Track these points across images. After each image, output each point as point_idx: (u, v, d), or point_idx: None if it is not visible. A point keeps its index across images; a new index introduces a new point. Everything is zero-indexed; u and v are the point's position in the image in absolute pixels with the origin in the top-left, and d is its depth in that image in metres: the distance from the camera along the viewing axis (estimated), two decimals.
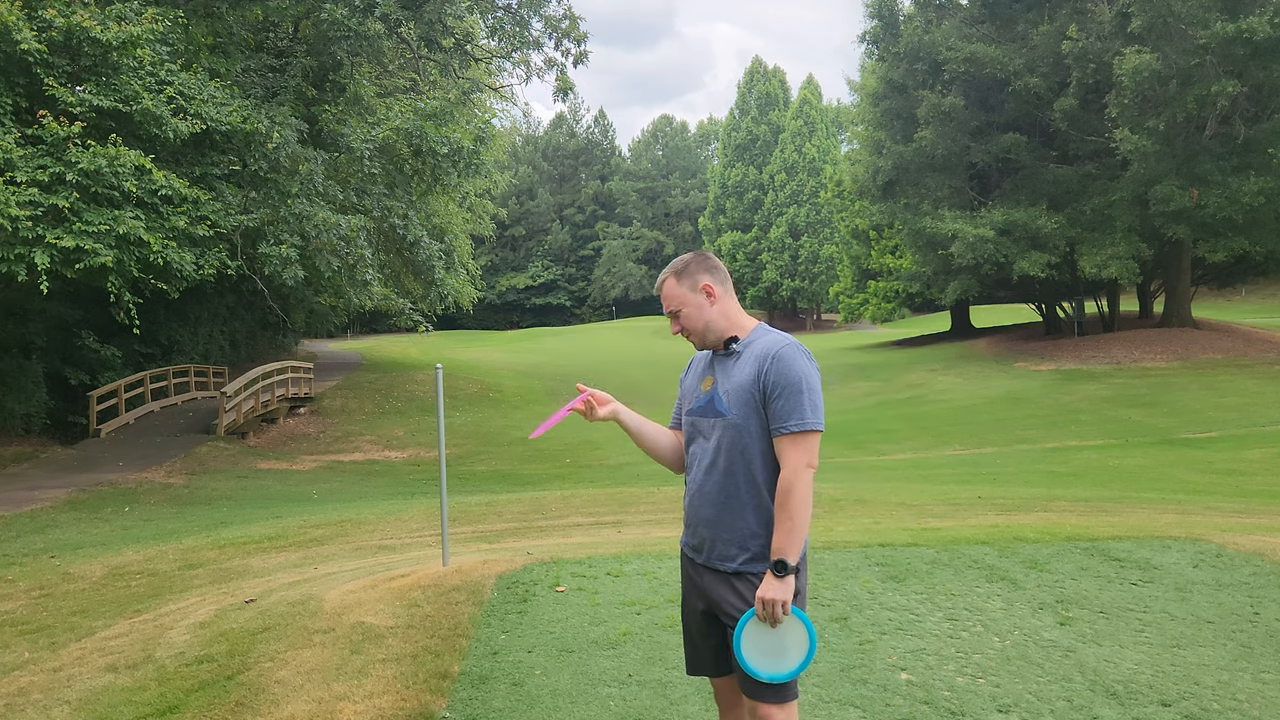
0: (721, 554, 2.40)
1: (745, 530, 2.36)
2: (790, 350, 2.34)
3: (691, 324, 2.48)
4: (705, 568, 2.45)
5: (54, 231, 12.92)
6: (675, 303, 2.49)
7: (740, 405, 2.36)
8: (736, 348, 2.44)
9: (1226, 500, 10.03)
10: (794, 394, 2.30)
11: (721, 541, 2.39)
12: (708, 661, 2.54)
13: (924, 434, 19.60)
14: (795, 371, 2.31)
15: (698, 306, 2.47)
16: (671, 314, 2.50)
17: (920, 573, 5.18)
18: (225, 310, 29.82)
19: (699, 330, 2.48)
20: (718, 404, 2.41)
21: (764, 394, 2.32)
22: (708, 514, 2.41)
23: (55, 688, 4.36)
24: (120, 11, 14.64)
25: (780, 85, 71.06)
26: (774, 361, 2.32)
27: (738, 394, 2.37)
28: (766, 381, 2.32)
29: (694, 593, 2.52)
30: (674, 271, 2.51)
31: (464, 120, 22.19)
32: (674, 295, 2.49)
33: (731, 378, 2.41)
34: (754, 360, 2.37)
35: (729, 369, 2.44)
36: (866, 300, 50.64)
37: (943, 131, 29.92)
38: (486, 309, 77.89)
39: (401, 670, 3.91)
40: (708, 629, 2.50)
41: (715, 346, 2.49)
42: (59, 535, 10.87)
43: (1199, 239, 27.85)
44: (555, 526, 8.80)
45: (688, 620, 2.59)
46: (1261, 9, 23.29)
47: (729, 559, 2.39)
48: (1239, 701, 3.48)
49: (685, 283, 2.48)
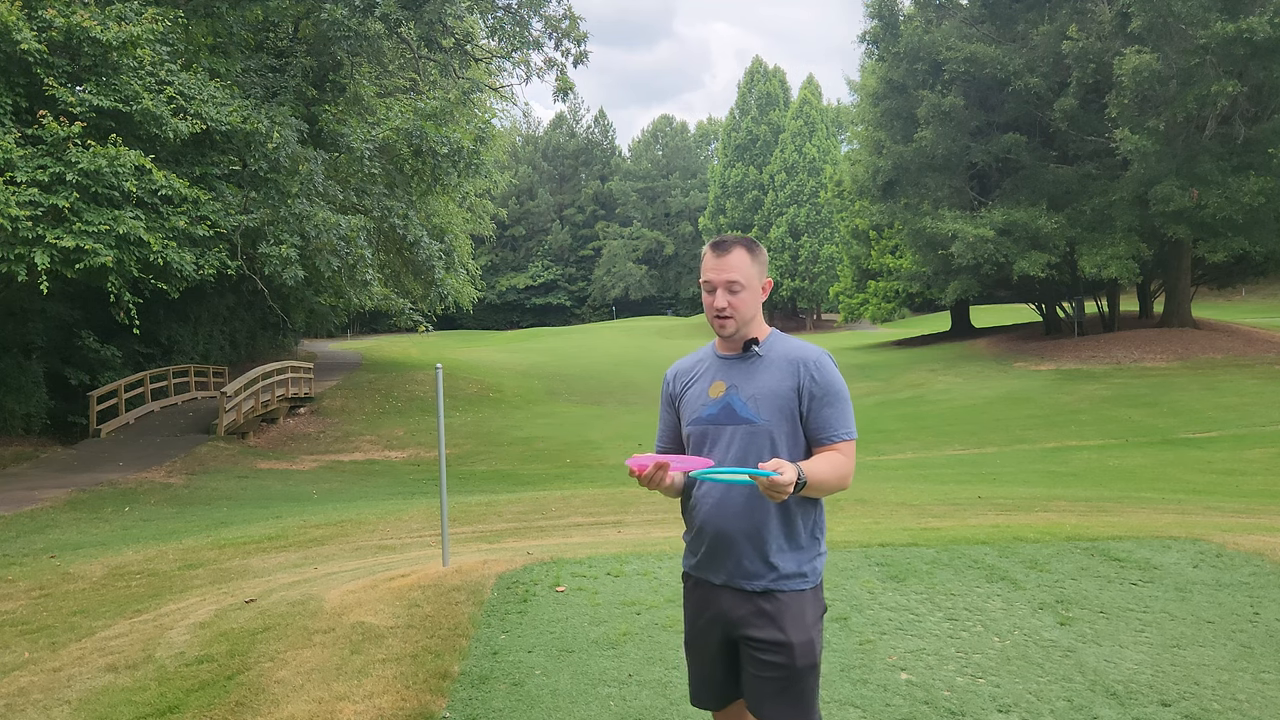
0: (746, 572, 2.24)
1: (772, 545, 2.23)
2: (827, 359, 2.29)
3: (744, 308, 2.29)
4: (726, 588, 2.28)
5: (54, 231, 12.92)
6: (741, 277, 2.27)
7: (772, 411, 2.24)
8: (758, 350, 2.31)
9: (1226, 500, 10.03)
10: (840, 402, 2.25)
11: (746, 558, 2.24)
12: (718, 687, 2.37)
13: (924, 434, 19.59)
14: (838, 380, 2.27)
15: (755, 294, 2.31)
16: (728, 286, 2.26)
17: (920, 573, 5.18)
18: (225, 310, 29.82)
19: (745, 319, 2.30)
20: (739, 409, 2.27)
21: (806, 402, 2.24)
22: (731, 528, 2.24)
23: (55, 688, 4.36)
24: (120, 11, 14.64)
25: (780, 85, 71.06)
26: (817, 370, 2.25)
27: (768, 399, 2.24)
28: (811, 390, 2.24)
29: (709, 620, 2.32)
30: (746, 245, 2.30)
31: (464, 120, 22.20)
32: (743, 269, 2.28)
33: (755, 381, 2.27)
34: (785, 365, 2.27)
35: (749, 372, 2.30)
36: (866, 300, 50.62)
37: (943, 131, 29.92)
38: (486, 309, 77.88)
39: (401, 670, 3.91)
40: (727, 657, 2.33)
41: (735, 345, 2.34)
42: (59, 535, 10.87)
43: (1199, 239, 27.84)
44: (555, 526, 8.80)
45: (701, 653, 2.38)
46: (1261, 9, 23.28)
47: (755, 577, 2.24)
48: (1239, 701, 3.48)
49: (757, 263, 2.31)
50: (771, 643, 2.21)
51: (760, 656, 2.23)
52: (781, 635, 2.21)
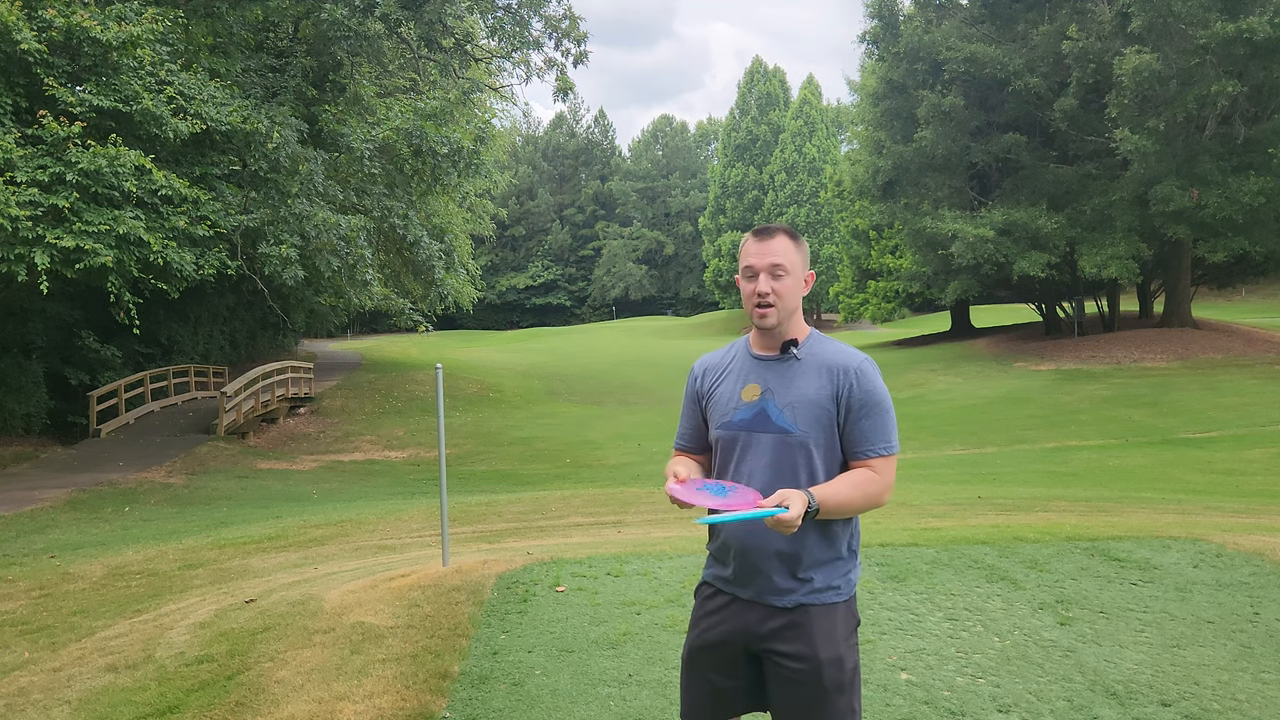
0: (777, 588, 2.11)
1: (807, 559, 2.10)
2: (870, 367, 2.15)
3: (788, 296, 2.14)
4: (754, 603, 2.13)
5: (54, 231, 12.92)
6: (785, 261, 2.13)
7: (810, 422, 2.10)
8: (797, 352, 2.16)
9: (1226, 500, 10.03)
10: (883, 415, 2.13)
11: (778, 575, 2.10)
12: (727, 702, 2.20)
13: (924, 434, 19.59)
14: (881, 390, 2.14)
15: (798, 283, 2.16)
16: (771, 270, 2.12)
17: (920, 573, 5.18)
18: (225, 310, 29.82)
19: (788, 309, 2.15)
20: (775, 417, 2.12)
21: (844, 412, 2.10)
22: (764, 545, 2.09)
23: (55, 688, 4.36)
24: (120, 11, 14.65)
25: (780, 85, 71.12)
26: (858, 378, 2.11)
27: (807, 408, 2.10)
28: (851, 400, 2.10)
29: (730, 633, 2.16)
30: (789, 233, 2.17)
31: (464, 120, 22.22)
32: (786, 254, 2.14)
33: (794, 388, 2.13)
34: (823, 372, 2.13)
35: (787, 377, 2.15)
36: (866, 300, 50.64)
37: (943, 131, 29.92)
38: (486, 309, 77.94)
39: (401, 670, 3.91)
40: (741, 669, 2.17)
41: (772, 344, 2.19)
42: (59, 535, 10.87)
43: (1199, 239, 27.83)
44: (555, 526, 8.80)
45: (710, 667, 2.19)
46: (1261, 9, 23.27)
47: (788, 593, 2.11)
48: (1239, 701, 3.48)
49: (799, 251, 2.17)
50: (797, 656, 2.08)
51: (785, 673, 2.10)
52: (809, 650, 2.08)
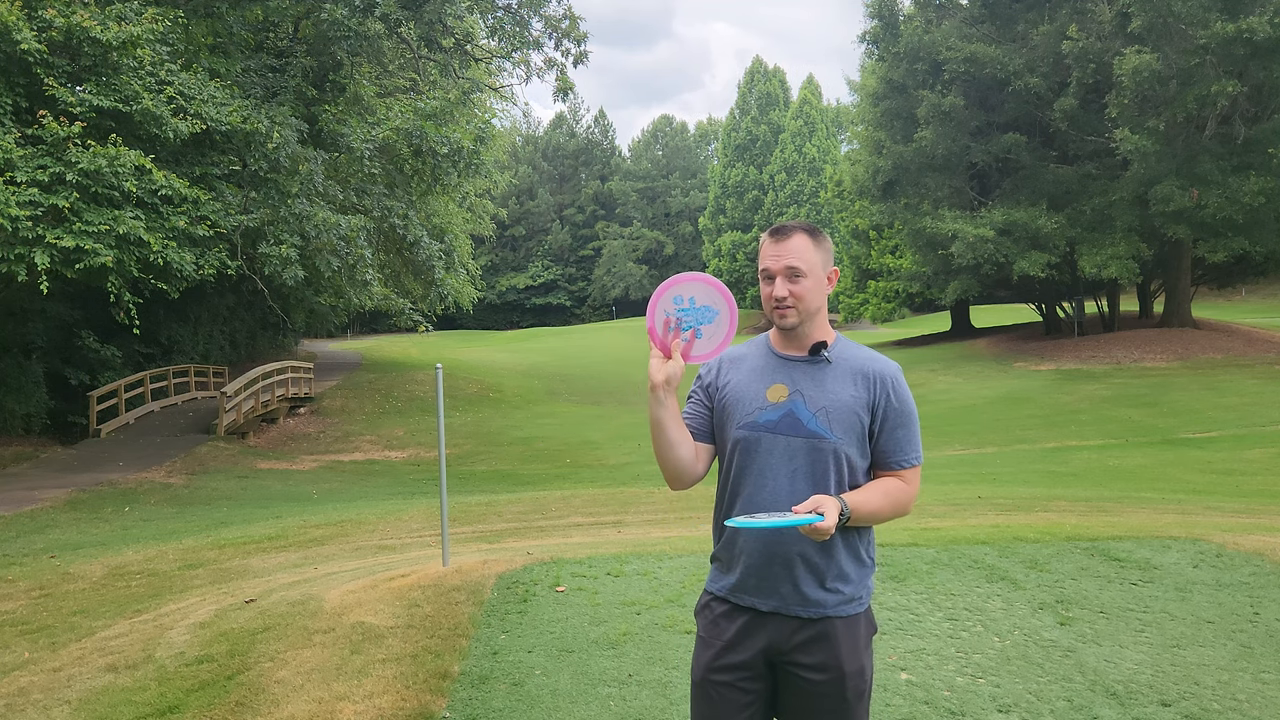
0: (805, 599, 2.02)
1: (834, 569, 2.03)
2: (902, 375, 2.11)
3: (807, 297, 2.04)
4: (775, 615, 2.04)
5: (54, 231, 12.92)
6: (802, 263, 2.03)
7: (844, 429, 2.02)
8: (828, 355, 2.07)
9: (1226, 500, 10.03)
10: (915, 425, 2.10)
11: (807, 584, 2.01)
12: None
13: (924, 434, 19.27)
14: (911, 400, 2.10)
15: (819, 283, 2.07)
16: (788, 272, 2.03)
17: (920, 573, 5.18)
18: (225, 310, 29.83)
19: (809, 310, 2.05)
20: (808, 421, 2.02)
21: (879, 421, 2.05)
22: (789, 552, 2.01)
23: (55, 688, 4.36)
24: (120, 11, 14.64)
25: (780, 85, 71.13)
26: (894, 387, 2.06)
27: (841, 414, 2.02)
28: (888, 409, 2.05)
29: (752, 652, 2.05)
30: (808, 230, 2.06)
31: (464, 120, 22.21)
32: (804, 254, 2.03)
33: (825, 391, 2.04)
34: (856, 378, 2.06)
35: (817, 379, 2.06)
36: (866, 300, 50.65)
37: (943, 131, 29.92)
38: (486, 309, 77.89)
39: (401, 670, 3.91)
40: (760, 683, 2.06)
41: (799, 344, 2.09)
42: (59, 535, 10.87)
43: (1199, 239, 27.83)
44: (555, 526, 8.80)
45: (727, 688, 2.05)
46: (1261, 9, 23.28)
47: (816, 605, 2.02)
48: (1239, 701, 3.48)
49: (820, 249, 2.06)
50: (820, 667, 2.01)
51: (806, 685, 2.02)
52: (834, 661, 2.01)
